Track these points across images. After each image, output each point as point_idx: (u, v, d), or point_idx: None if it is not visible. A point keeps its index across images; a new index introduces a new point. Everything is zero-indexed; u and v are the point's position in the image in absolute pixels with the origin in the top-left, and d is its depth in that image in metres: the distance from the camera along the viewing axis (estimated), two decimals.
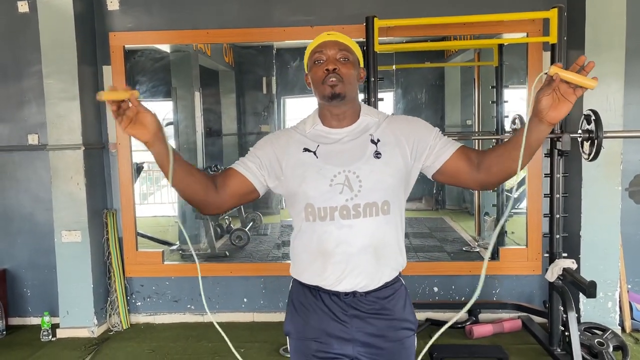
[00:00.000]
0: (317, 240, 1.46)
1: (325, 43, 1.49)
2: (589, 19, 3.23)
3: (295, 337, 1.54)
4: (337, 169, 1.44)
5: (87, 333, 3.57)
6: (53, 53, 3.45)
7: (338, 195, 1.43)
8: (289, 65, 4.94)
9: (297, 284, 1.56)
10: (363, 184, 1.43)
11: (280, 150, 1.51)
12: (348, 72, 1.47)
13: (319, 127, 1.53)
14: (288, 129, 1.60)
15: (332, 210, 1.43)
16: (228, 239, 5.22)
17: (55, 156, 3.50)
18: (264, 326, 3.70)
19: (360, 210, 1.43)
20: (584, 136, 2.95)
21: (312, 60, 1.50)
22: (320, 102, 1.53)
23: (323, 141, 1.50)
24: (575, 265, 2.94)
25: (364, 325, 1.48)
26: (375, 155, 1.45)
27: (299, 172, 1.46)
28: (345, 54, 1.48)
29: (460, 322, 3.54)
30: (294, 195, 1.49)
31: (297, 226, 1.53)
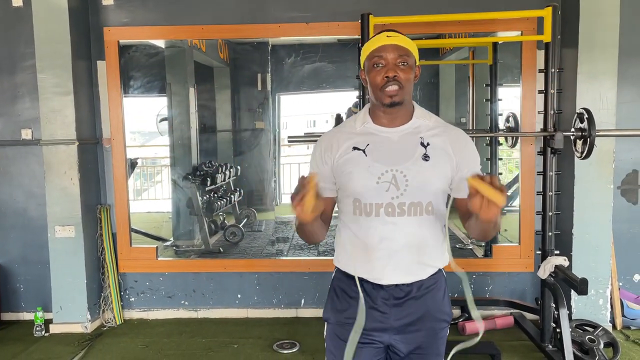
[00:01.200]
0: (362, 234, 1.52)
1: (385, 47, 1.50)
2: (583, 17, 3.25)
3: (334, 323, 1.60)
4: (385, 168, 1.49)
5: (81, 328, 3.57)
6: (47, 47, 3.44)
7: (384, 192, 1.48)
8: (284, 62, 4.94)
9: (340, 272, 1.62)
10: (409, 184, 1.47)
11: (331, 155, 1.56)
12: (407, 77, 1.49)
13: (369, 125, 1.56)
14: (335, 131, 1.62)
15: (378, 207, 1.48)
16: (222, 235, 5.22)
17: (49, 151, 3.49)
18: (258, 322, 3.70)
19: (405, 208, 1.48)
20: (577, 134, 2.97)
21: (371, 63, 1.51)
22: (375, 102, 1.55)
23: (373, 139, 1.53)
24: (567, 262, 2.96)
25: (403, 314, 1.53)
26: (424, 157, 1.49)
27: (348, 169, 1.51)
28: (405, 58, 1.50)
29: (453, 319, 3.56)
30: (344, 189, 1.55)
31: (344, 218, 1.58)
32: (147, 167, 7.42)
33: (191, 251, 4.94)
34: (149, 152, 6.72)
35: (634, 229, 3.63)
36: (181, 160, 5.17)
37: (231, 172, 5.58)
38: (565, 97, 3.39)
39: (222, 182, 5.35)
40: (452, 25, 3.52)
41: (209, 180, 5.00)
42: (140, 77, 4.84)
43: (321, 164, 1.58)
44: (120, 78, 3.68)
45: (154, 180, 7.33)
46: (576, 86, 3.29)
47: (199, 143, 5.31)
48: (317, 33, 3.60)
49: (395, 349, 1.57)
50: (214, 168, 5.42)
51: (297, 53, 5.06)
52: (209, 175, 5.10)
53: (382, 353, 1.59)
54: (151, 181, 7.30)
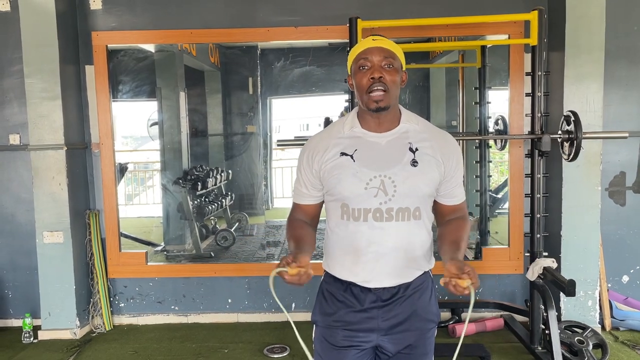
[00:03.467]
0: (349, 238, 1.53)
1: (371, 49, 1.52)
2: (569, 21, 3.28)
3: (322, 325, 1.61)
4: (373, 173, 1.50)
5: (70, 335, 3.54)
6: (34, 52, 3.42)
7: (372, 198, 1.49)
8: (275, 66, 4.94)
9: (328, 276, 1.63)
10: (398, 190, 1.49)
11: (318, 160, 1.57)
12: (392, 79, 1.50)
13: (357, 129, 1.56)
14: (324, 133, 1.62)
15: (366, 212, 1.50)
16: (213, 240, 5.20)
17: (37, 156, 3.47)
18: (248, 326, 3.69)
19: (393, 214, 1.50)
20: (564, 137, 2.99)
21: (357, 66, 1.53)
22: (362, 107, 1.56)
23: (361, 144, 1.54)
24: (556, 264, 2.98)
25: (390, 315, 1.55)
26: (412, 163, 1.51)
27: (335, 174, 1.52)
28: (390, 61, 1.51)
29: (443, 321, 3.57)
30: (331, 194, 1.55)
31: (332, 222, 1.59)
32: (138, 172, 7.40)
33: (182, 256, 4.92)
34: (141, 156, 6.70)
35: (621, 230, 3.65)
36: (171, 165, 5.15)
37: (222, 177, 5.57)
38: (553, 100, 3.42)
39: (213, 187, 5.34)
40: (441, 29, 3.54)
41: (199, 184, 4.99)
42: (131, 82, 4.82)
43: (308, 168, 1.59)
44: (109, 82, 3.66)
45: (145, 185, 7.30)
46: (563, 89, 3.31)
47: (190, 147, 5.30)
48: (306, 37, 3.61)
49: (384, 350, 1.58)
50: (204, 172, 5.41)
51: (287, 57, 5.07)
52: (200, 179, 5.08)
53: (368, 355, 1.60)
54: (143, 186, 7.28)
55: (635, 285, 3.69)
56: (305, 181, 1.61)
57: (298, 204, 1.65)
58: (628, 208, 3.65)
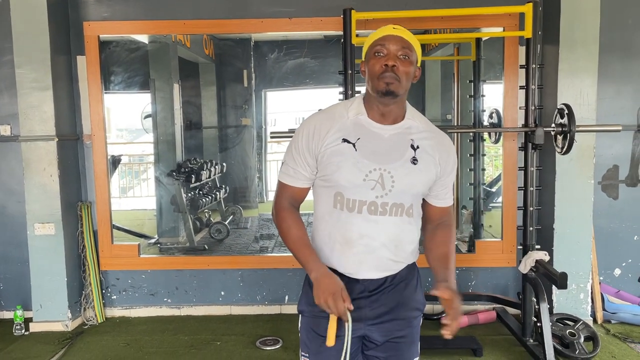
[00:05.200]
0: (341, 229, 1.50)
1: (389, 37, 1.48)
2: (564, 14, 3.27)
3: (309, 315, 1.59)
4: (373, 165, 1.47)
5: (61, 327, 3.52)
6: (25, 42, 3.38)
7: (369, 190, 1.47)
8: (267, 57, 4.91)
9: None
10: (395, 185, 1.47)
11: (318, 140, 1.51)
12: (406, 70, 1.46)
13: (362, 117, 1.52)
14: (325, 114, 1.56)
15: (361, 204, 1.48)
16: (207, 233, 5.19)
17: (28, 147, 3.44)
18: (241, 319, 3.69)
19: (388, 208, 1.48)
20: (557, 130, 2.99)
21: (373, 52, 1.49)
22: (370, 92, 1.52)
23: (364, 134, 1.50)
24: (548, 257, 2.98)
25: (377, 304, 1.54)
26: (412, 160, 1.49)
27: (335, 160, 1.48)
28: (407, 52, 1.47)
29: (436, 314, 3.58)
30: (326, 181, 1.51)
31: (322, 209, 1.55)
32: (133, 165, 7.36)
33: (176, 248, 4.91)
34: (136, 149, 6.66)
35: (614, 223, 3.66)
36: (165, 157, 5.13)
37: (216, 169, 5.55)
38: (547, 93, 3.41)
39: (207, 179, 5.32)
40: (435, 21, 3.52)
41: (193, 177, 4.97)
42: (121, 72, 4.79)
43: (306, 149, 1.52)
44: (101, 73, 3.63)
45: (140, 178, 7.26)
46: (557, 82, 3.31)
47: (184, 140, 5.27)
48: (300, 28, 3.58)
49: (371, 339, 1.58)
50: (198, 165, 5.38)
51: (282, 49, 5.03)
52: (194, 172, 5.06)
53: (355, 344, 1.58)
54: (138, 179, 7.24)
55: (627, 279, 3.70)
56: (302, 162, 1.53)
57: (290, 186, 1.56)
58: (621, 202, 3.66)
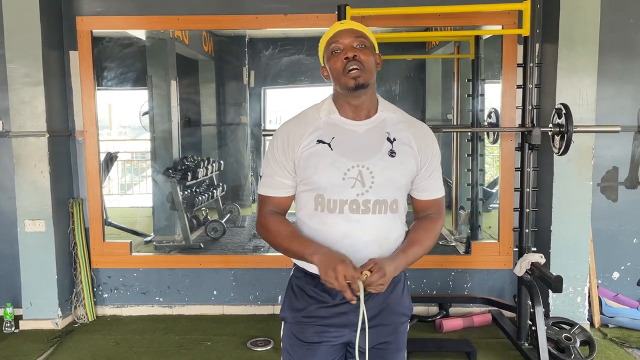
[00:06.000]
0: (323, 231, 1.46)
1: (341, 32, 1.48)
2: (563, 12, 3.21)
3: (292, 322, 1.55)
4: (351, 163, 1.45)
5: (51, 325, 3.49)
6: (17, 37, 3.34)
7: (350, 189, 1.44)
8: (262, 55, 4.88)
9: (298, 270, 1.56)
10: (375, 180, 1.44)
11: (293, 146, 1.49)
12: (367, 58, 1.45)
13: (335, 116, 1.51)
14: (296, 121, 1.54)
15: (342, 204, 1.44)
16: (204, 231, 5.15)
17: (18, 143, 3.40)
18: (233, 319, 3.64)
19: (370, 206, 1.45)
20: (555, 130, 2.93)
21: (330, 51, 1.49)
22: (339, 92, 1.50)
23: (338, 132, 1.48)
24: (544, 259, 2.93)
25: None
26: (390, 153, 1.47)
27: (312, 162, 1.46)
28: (362, 41, 1.47)
29: (430, 316, 3.53)
30: (306, 184, 1.49)
31: (304, 213, 1.52)
32: (135, 162, 7.33)
33: (171, 247, 4.87)
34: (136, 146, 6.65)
35: (613, 226, 3.60)
36: (162, 155, 5.09)
37: (214, 167, 5.51)
38: (545, 93, 3.36)
39: (204, 177, 5.28)
40: (433, 18, 3.47)
41: (189, 174, 4.92)
42: (115, 68, 4.75)
43: (283, 156, 1.51)
44: (94, 69, 3.58)
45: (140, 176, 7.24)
46: (556, 81, 3.25)
47: (182, 137, 5.24)
48: (295, 25, 3.53)
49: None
50: (195, 163, 5.34)
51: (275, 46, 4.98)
52: (190, 169, 5.02)
53: (339, 351, 1.54)
54: (139, 176, 7.22)
55: (626, 282, 3.64)
56: (280, 170, 1.52)
57: (272, 197, 1.54)
58: (620, 204, 3.60)
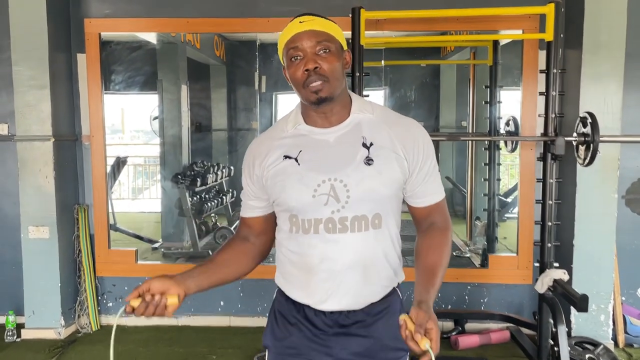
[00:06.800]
0: (300, 254, 1.32)
1: (300, 35, 1.26)
2: (588, 17, 3.07)
3: (274, 352, 1.40)
4: (321, 177, 1.27)
5: (54, 334, 3.39)
6: (23, 39, 3.27)
7: (323, 206, 1.27)
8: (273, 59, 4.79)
9: (281, 294, 1.42)
10: (351, 194, 1.26)
11: (259, 166, 1.35)
12: (332, 66, 1.26)
13: (301, 126, 1.34)
14: (266, 134, 1.41)
15: (317, 223, 1.28)
16: (212, 238, 5.06)
17: (23, 147, 3.33)
18: (240, 331, 3.53)
19: (348, 224, 1.27)
20: (579, 140, 2.79)
21: (288, 57, 1.29)
22: (303, 101, 1.34)
23: (306, 144, 1.31)
24: (567, 276, 2.77)
25: (350, 344, 1.33)
26: (367, 161, 1.28)
27: (279, 180, 1.31)
28: (325, 45, 1.26)
29: (446, 332, 3.38)
30: (278, 204, 1.34)
31: (281, 235, 1.38)
32: (148, 166, 7.29)
33: (179, 254, 4.78)
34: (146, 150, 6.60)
35: (638, 240, 3.43)
36: (171, 160, 5.02)
37: (224, 173, 5.43)
38: (568, 100, 3.21)
39: (214, 183, 5.20)
40: (451, 22, 3.35)
41: (198, 180, 4.84)
42: (123, 72, 4.69)
43: (249, 177, 1.37)
44: (102, 72, 3.51)
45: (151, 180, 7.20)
46: (579, 89, 3.10)
47: (192, 142, 5.17)
48: None
49: None
50: (205, 168, 5.27)
51: None
52: (200, 175, 4.94)
53: None
54: (152, 180, 7.18)
55: None
56: (248, 192, 1.39)
57: (243, 217, 1.43)
58: None
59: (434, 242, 1.34)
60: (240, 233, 1.44)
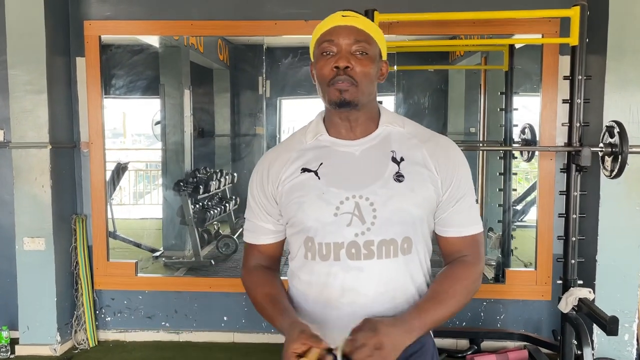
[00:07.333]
0: (317, 285, 1.17)
1: (339, 29, 1.15)
2: (612, 19, 2.92)
3: None
4: (345, 194, 1.14)
5: (49, 351, 3.24)
6: (20, 41, 3.13)
7: (345, 228, 1.13)
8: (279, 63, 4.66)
9: None
10: (378, 215, 1.13)
11: (274, 180, 1.20)
12: (364, 70, 1.13)
13: (323, 137, 1.20)
14: (281, 145, 1.26)
15: (338, 248, 1.13)
16: (215, 247, 4.92)
17: (19, 155, 3.18)
18: (245, 348, 3.37)
19: (374, 249, 1.13)
20: (606, 150, 2.63)
21: (320, 50, 1.16)
22: (325, 104, 1.19)
23: (328, 156, 1.18)
24: (593, 295, 2.62)
25: None
26: (397, 177, 1.14)
27: (295, 197, 1.16)
28: (364, 46, 1.14)
29: (460, 351, 3.22)
30: (292, 225, 1.19)
31: (293, 264, 1.22)
32: (149, 171, 7.18)
33: (181, 263, 4.63)
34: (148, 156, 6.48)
35: None
36: (173, 167, 4.89)
37: (227, 179, 5.29)
38: (590, 109, 3.05)
39: (217, 190, 5.06)
40: (466, 26, 3.20)
41: (201, 187, 4.70)
42: (124, 76, 4.56)
43: (261, 193, 1.22)
44: (102, 77, 3.37)
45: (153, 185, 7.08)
46: (603, 96, 2.95)
47: (194, 148, 5.03)
48: None
49: None
50: (207, 175, 5.13)
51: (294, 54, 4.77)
52: (202, 182, 4.80)
53: None
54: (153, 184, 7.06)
55: None
56: (260, 212, 1.24)
57: (255, 244, 1.27)
58: None
59: (453, 272, 1.19)
60: (254, 264, 1.27)
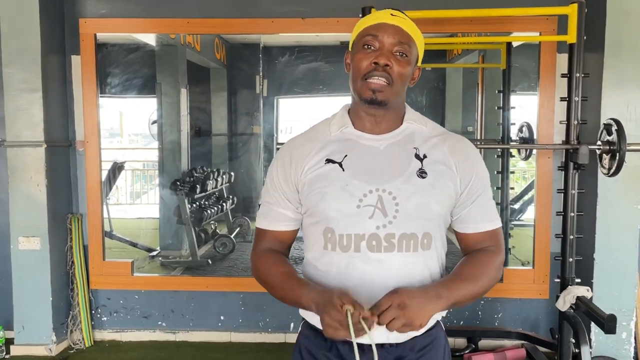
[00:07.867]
0: (335, 277, 1.17)
1: (385, 26, 1.17)
2: (610, 17, 2.91)
3: None
4: (368, 187, 1.15)
5: (44, 351, 3.21)
6: (14, 39, 3.10)
7: (367, 220, 1.14)
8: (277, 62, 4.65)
9: (307, 327, 1.26)
10: (400, 209, 1.14)
11: (296, 168, 1.21)
12: (401, 72, 1.16)
13: (348, 129, 1.22)
14: (302, 138, 1.26)
15: (358, 239, 1.14)
16: (212, 246, 4.90)
17: (14, 154, 3.15)
18: (242, 347, 3.35)
19: (395, 242, 1.14)
20: (604, 148, 2.62)
21: (362, 43, 1.18)
22: (354, 97, 1.21)
23: (353, 149, 1.20)
24: (591, 293, 2.62)
25: None
26: (420, 174, 1.17)
27: (318, 187, 1.17)
28: (405, 48, 1.17)
29: (457, 350, 3.21)
30: (312, 215, 1.19)
31: (310, 255, 1.23)
32: (146, 170, 7.15)
33: (177, 263, 4.61)
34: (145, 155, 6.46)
35: None
36: (170, 166, 4.87)
37: (224, 179, 5.27)
38: (588, 107, 3.05)
39: (214, 189, 5.04)
40: (464, 23, 3.19)
41: (198, 187, 4.68)
42: (119, 74, 4.54)
43: (283, 180, 1.22)
44: (97, 75, 3.34)
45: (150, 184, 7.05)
46: (601, 94, 2.95)
47: (191, 147, 5.02)
48: (314, 29, 3.27)
49: None
50: (204, 174, 5.11)
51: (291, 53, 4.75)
52: (199, 181, 4.78)
53: None
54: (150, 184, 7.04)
55: None
56: (280, 198, 1.24)
57: (270, 230, 1.26)
58: None
59: (477, 258, 1.21)
60: (266, 248, 1.27)
